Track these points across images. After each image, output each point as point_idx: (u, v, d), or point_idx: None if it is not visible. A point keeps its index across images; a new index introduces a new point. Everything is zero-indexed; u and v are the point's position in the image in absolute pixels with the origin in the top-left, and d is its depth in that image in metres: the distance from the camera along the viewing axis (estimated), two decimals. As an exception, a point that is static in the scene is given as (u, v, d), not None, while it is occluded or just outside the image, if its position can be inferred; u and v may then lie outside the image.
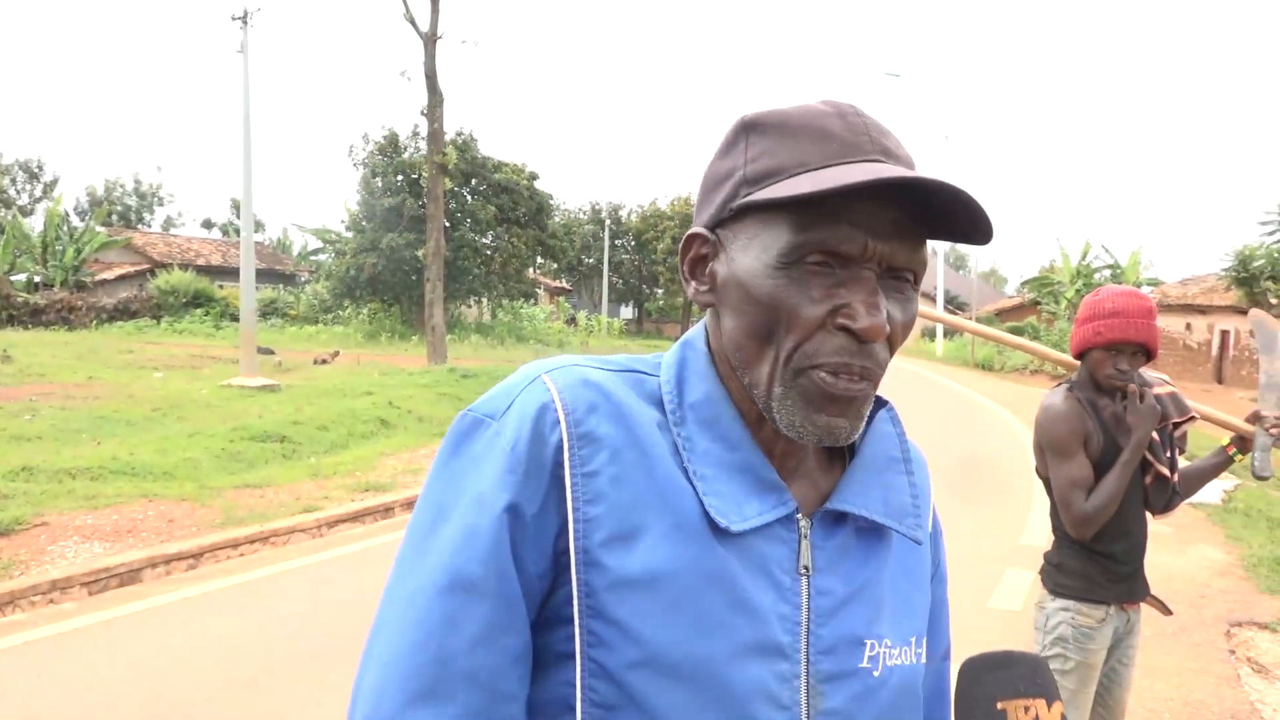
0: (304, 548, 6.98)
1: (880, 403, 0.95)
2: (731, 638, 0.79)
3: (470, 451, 0.82)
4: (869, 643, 0.85)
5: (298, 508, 7.71)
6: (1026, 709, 0.79)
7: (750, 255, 0.82)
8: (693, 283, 0.89)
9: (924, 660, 0.91)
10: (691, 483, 0.82)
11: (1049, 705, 0.80)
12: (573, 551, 0.79)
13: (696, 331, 0.92)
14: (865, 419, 0.84)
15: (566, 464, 0.80)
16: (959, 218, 0.80)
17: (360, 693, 0.78)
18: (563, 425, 0.80)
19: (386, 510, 8.01)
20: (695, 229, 0.89)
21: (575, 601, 0.79)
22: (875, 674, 0.85)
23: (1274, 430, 2.71)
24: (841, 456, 0.93)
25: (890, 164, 0.81)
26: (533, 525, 0.79)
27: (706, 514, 0.81)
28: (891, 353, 0.83)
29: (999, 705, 0.80)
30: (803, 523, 0.85)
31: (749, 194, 0.82)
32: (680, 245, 0.90)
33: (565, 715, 0.79)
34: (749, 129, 0.85)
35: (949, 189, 0.76)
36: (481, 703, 0.76)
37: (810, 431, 0.81)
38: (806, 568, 0.84)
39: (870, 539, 0.89)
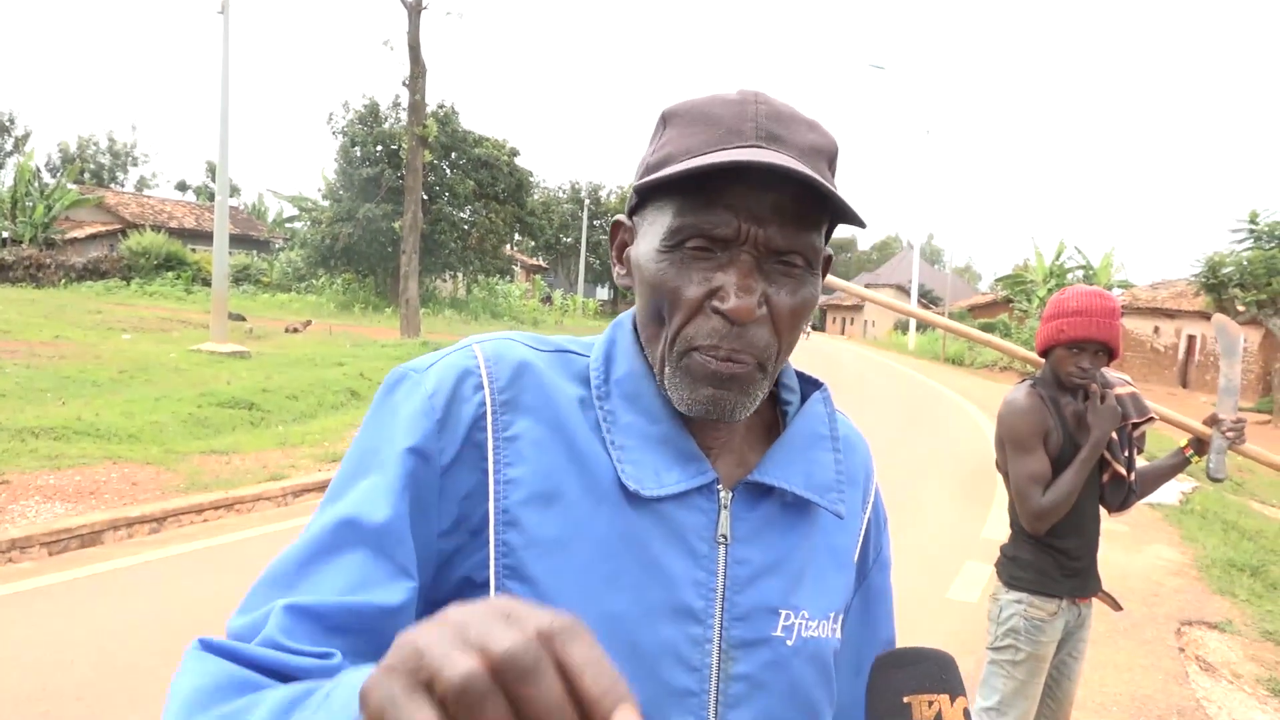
0: (269, 515, 6.95)
1: (815, 384, 0.99)
2: (642, 599, 0.82)
3: (392, 401, 0.85)
4: (784, 613, 0.87)
5: (264, 475, 7.67)
6: (930, 703, 0.82)
7: (646, 241, 0.86)
8: (619, 266, 0.93)
9: (839, 635, 0.94)
10: (609, 453, 0.85)
11: (952, 700, 0.83)
12: (492, 513, 0.81)
13: (627, 313, 0.95)
14: (755, 397, 0.84)
15: (489, 428, 0.83)
16: (833, 201, 0.80)
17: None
18: (486, 390, 0.84)
19: (353, 481, 7.99)
20: (618, 216, 0.94)
21: (492, 563, 0.81)
22: (788, 643, 0.87)
23: (1230, 433, 2.77)
24: (771, 433, 0.96)
25: (772, 150, 0.81)
26: (441, 478, 0.82)
27: (621, 481, 0.84)
28: (781, 336, 0.84)
29: (905, 699, 0.83)
30: (723, 494, 0.88)
31: (643, 181, 0.86)
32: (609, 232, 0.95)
33: None
34: (665, 119, 0.88)
35: (795, 173, 0.76)
36: (343, 634, 0.75)
37: (696, 405, 0.83)
38: (724, 536, 0.86)
39: (795, 514, 0.91)
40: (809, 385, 0.99)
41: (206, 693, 0.68)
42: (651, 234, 0.85)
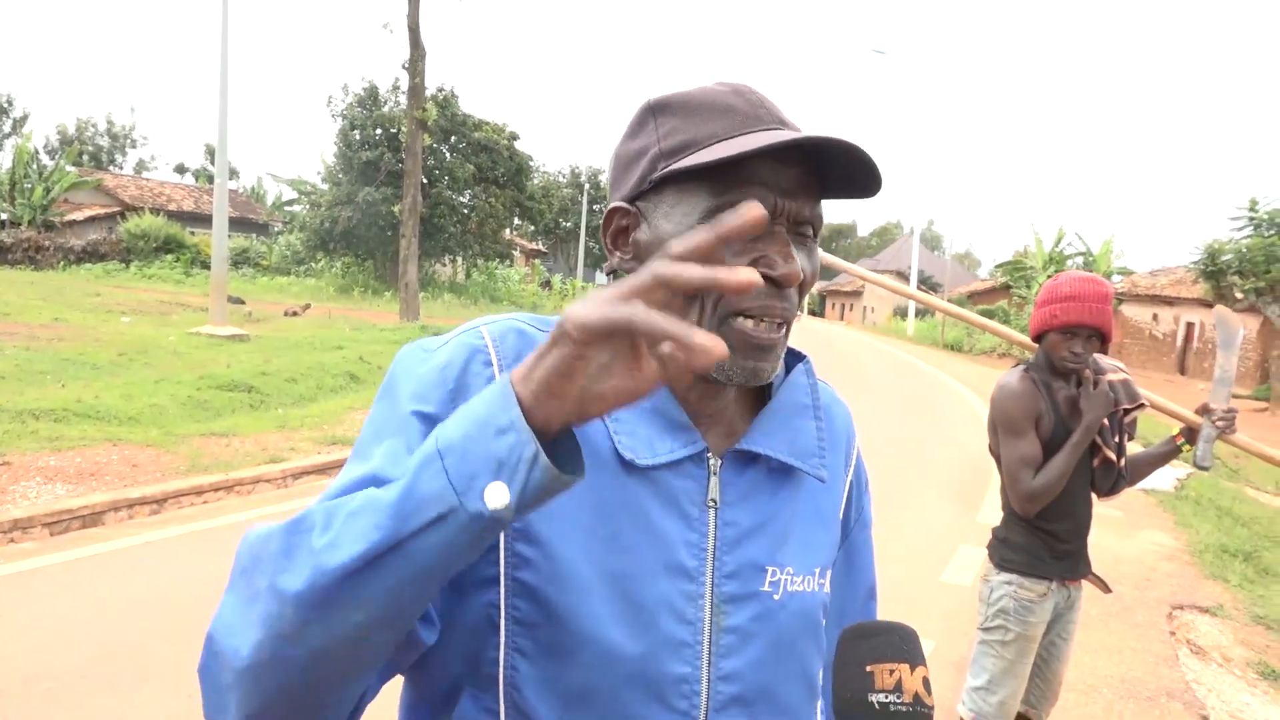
0: (269, 497, 6.99)
1: (799, 356, 1.05)
2: (640, 558, 0.88)
3: (406, 373, 0.90)
4: (770, 569, 0.94)
5: (264, 458, 7.71)
6: (891, 671, 0.87)
7: (673, 221, 0.90)
8: (616, 253, 0.97)
9: (826, 590, 1.01)
10: (606, 426, 0.90)
11: (912, 670, 0.87)
12: None
13: None
14: (780, 360, 0.93)
15: None
16: (851, 173, 0.89)
17: None
18: (495, 366, 0.89)
19: (353, 464, 8.02)
20: (615, 203, 0.96)
21: None
22: (775, 597, 0.94)
23: (1220, 423, 2.79)
24: (757, 404, 1.02)
25: (787, 130, 0.90)
26: None
27: (618, 451, 0.89)
28: (802, 297, 0.92)
29: (867, 668, 0.88)
30: (713, 461, 0.94)
31: (666, 166, 0.90)
32: (603, 220, 0.98)
33: (489, 633, 0.87)
34: (655, 111, 0.94)
35: (846, 146, 0.85)
36: None
37: (738, 374, 0.90)
38: (714, 501, 0.93)
39: (780, 478, 0.98)
40: (793, 357, 1.05)
41: (286, 522, 0.74)
42: (679, 215, 0.90)
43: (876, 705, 0.86)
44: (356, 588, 0.68)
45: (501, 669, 0.87)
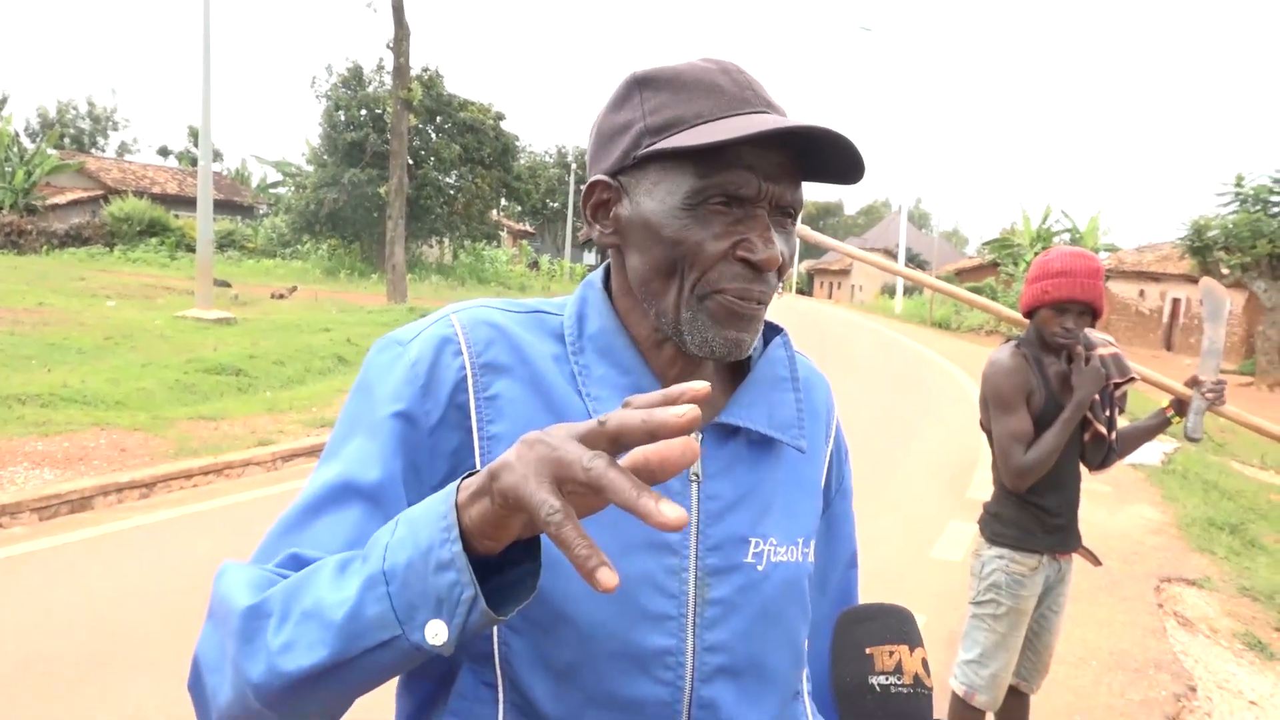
0: (258, 480, 6.98)
1: (776, 329, 1.06)
2: (621, 534, 0.88)
3: (378, 369, 0.93)
4: (753, 540, 0.95)
5: (253, 441, 7.69)
6: (891, 653, 0.88)
7: (656, 199, 0.90)
8: (596, 226, 0.97)
9: (811, 559, 1.01)
10: (585, 403, 0.92)
11: (911, 651, 0.88)
12: (479, 467, 0.87)
13: (596, 273, 1.01)
14: (759, 334, 0.94)
15: (470, 390, 0.90)
16: (834, 159, 0.90)
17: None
18: (465, 356, 0.91)
19: (342, 446, 8.00)
20: (597, 176, 0.96)
21: None
22: (759, 568, 0.95)
23: (1209, 395, 2.80)
24: (736, 378, 1.02)
25: (774, 114, 0.90)
26: (429, 437, 0.90)
27: None
28: (780, 280, 0.93)
29: (867, 651, 0.88)
30: (693, 435, 0.92)
31: (652, 143, 0.89)
32: (583, 192, 0.98)
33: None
34: (642, 84, 0.93)
35: (832, 134, 0.85)
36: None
37: (720, 345, 0.91)
38: (696, 474, 0.94)
39: (761, 450, 0.99)
40: (770, 331, 1.06)
41: (257, 579, 0.78)
42: (662, 193, 0.90)
43: (877, 688, 0.87)
44: (311, 688, 0.72)
45: (496, 645, 0.88)
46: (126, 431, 7.47)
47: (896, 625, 0.91)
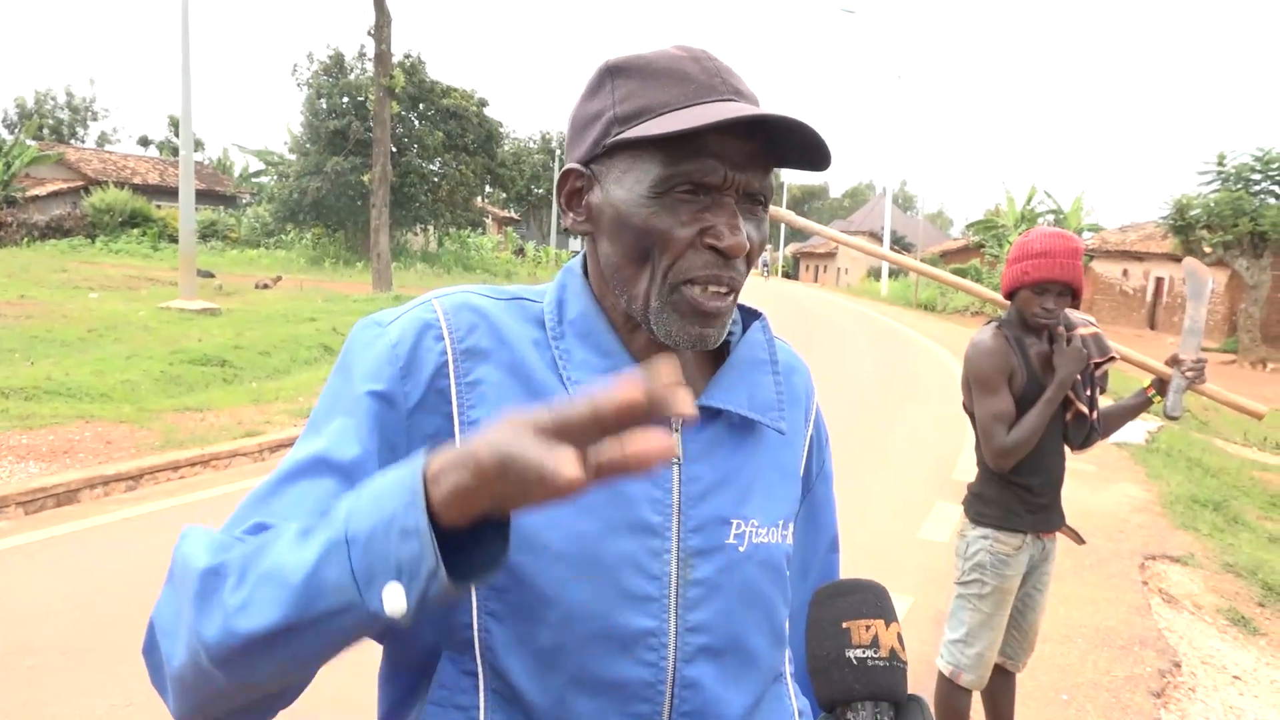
0: (246, 471, 6.96)
1: (755, 314, 1.07)
2: (603, 518, 0.90)
3: (358, 350, 0.93)
4: (735, 522, 0.96)
5: (239, 432, 7.67)
6: (867, 628, 0.89)
7: (624, 187, 0.91)
8: (570, 214, 0.98)
9: (790, 541, 1.03)
10: (566, 387, 0.93)
11: (887, 625, 0.89)
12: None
13: (575, 260, 1.02)
14: (727, 326, 0.95)
15: (451, 375, 0.91)
16: (802, 147, 0.91)
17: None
18: (447, 341, 0.92)
19: (329, 436, 7.97)
20: (570, 165, 0.97)
21: None
22: (740, 549, 0.96)
23: (1189, 374, 2.83)
24: (716, 361, 1.03)
25: (742, 102, 0.91)
26: (406, 419, 0.90)
27: None
28: (749, 267, 0.94)
29: (844, 625, 0.89)
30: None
31: (620, 132, 0.90)
32: (558, 180, 0.99)
33: (461, 598, 0.89)
34: (613, 73, 0.94)
35: (795, 123, 0.86)
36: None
37: (684, 340, 0.92)
38: (677, 457, 0.95)
39: (741, 432, 1.00)
40: (749, 315, 1.07)
41: (218, 542, 0.78)
42: (630, 181, 0.91)
43: (854, 660, 0.88)
44: (264, 651, 0.72)
45: (476, 632, 0.89)
46: (112, 424, 7.44)
47: (873, 600, 0.92)
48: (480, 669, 0.90)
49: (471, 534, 0.71)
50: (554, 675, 0.89)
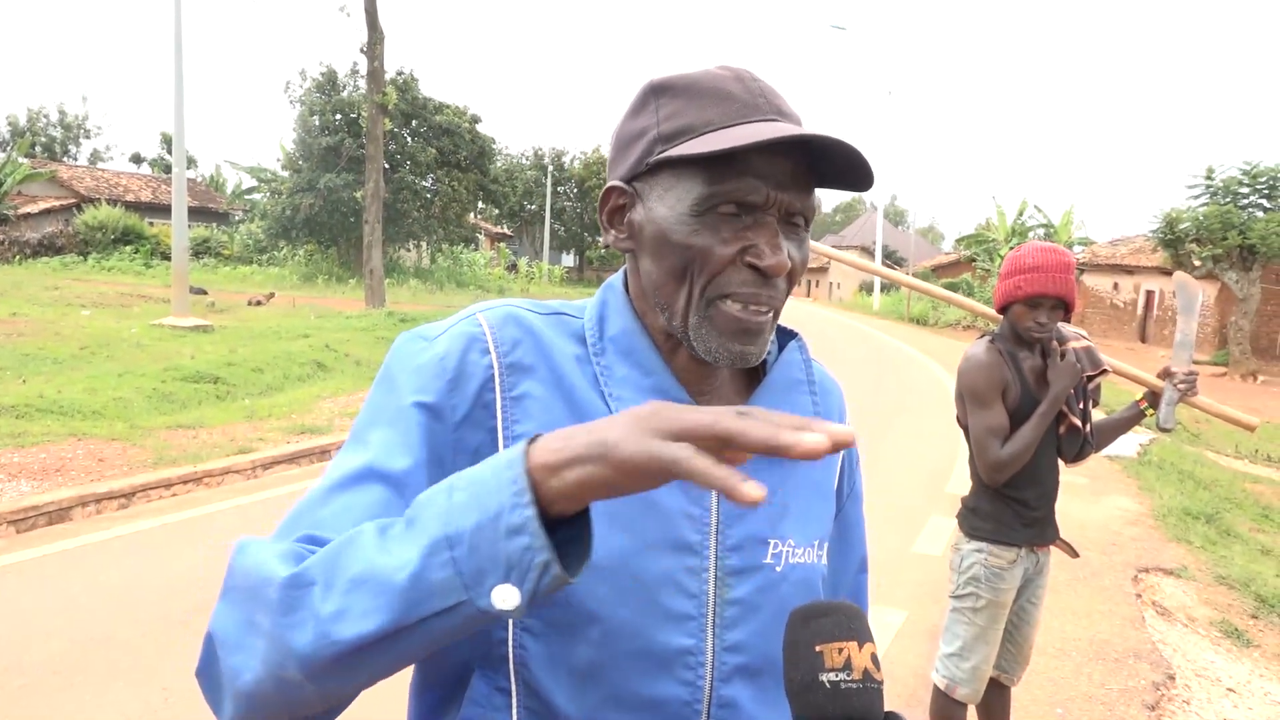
0: (239, 488, 6.94)
1: (791, 334, 1.07)
2: (642, 535, 0.90)
3: (404, 362, 0.93)
4: (772, 542, 0.96)
5: (232, 449, 7.64)
6: (840, 650, 0.89)
7: (666, 205, 0.92)
8: (612, 231, 0.98)
9: (824, 561, 1.03)
10: (608, 404, 0.93)
11: (860, 646, 0.89)
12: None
13: (616, 276, 1.03)
14: (768, 343, 0.95)
15: (497, 389, 0.91)
16: (845, 168, 0.91)
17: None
18: (493, 355, 0.92)
19: (323, 453, 7.97)
20: (613, 182, 0.98)
21: None
22: (778, 569, 0.96)
23: (1181, 386, 2.84)
24: (753, 380, 1.04)
25: (784, 122, 0.91)
26: (453, 432, 0.89)
27: None
28: (790, 286, 0.94)
29: (817, 648, 0.89)
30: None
31: (663, 151, 0.91)
32: (600, 197, 0.99)
33: None
34: (658, 92, 0.95)
35: (838, 144, 0.86)
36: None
37: (724, 356, 0.92)
38: None
39: None
40: (785, 335, 1.07)
41: (289, 551, 0.76)
42: (672, 199, 0.91)
43: (828, 684, 0.88)
44: (364, 658, 0.70)
45: (511, 649, 0.88)
46: (104, 441, 7.41)
47: (845, 622, 0.93)
48: (514, 686, 0.89)
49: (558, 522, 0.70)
50: (590, 693, 0.89)
